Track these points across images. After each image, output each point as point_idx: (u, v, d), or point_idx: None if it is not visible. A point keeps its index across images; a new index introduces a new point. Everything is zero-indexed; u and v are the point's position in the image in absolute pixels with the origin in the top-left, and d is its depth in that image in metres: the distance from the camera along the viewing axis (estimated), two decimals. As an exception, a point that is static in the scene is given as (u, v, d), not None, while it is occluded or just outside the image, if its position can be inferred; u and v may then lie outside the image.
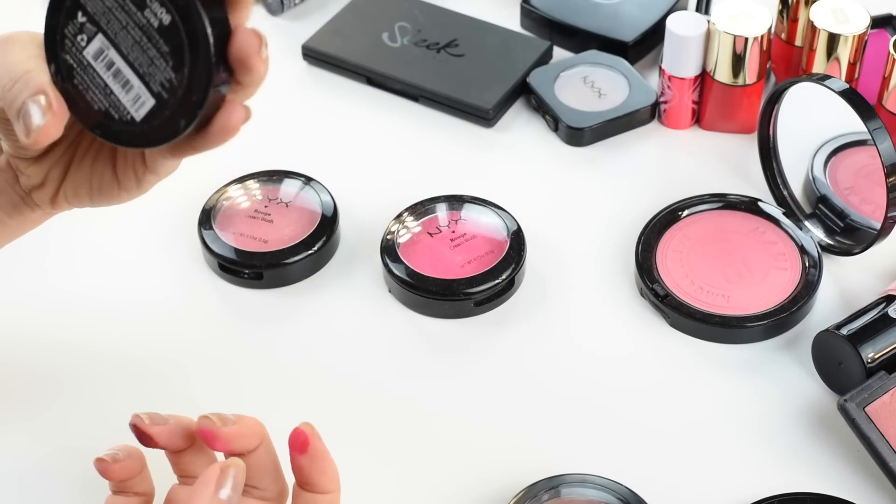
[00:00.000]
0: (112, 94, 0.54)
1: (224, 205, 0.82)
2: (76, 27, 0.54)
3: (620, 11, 0.95)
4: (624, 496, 0.67)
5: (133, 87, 0.53)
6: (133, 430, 0.60)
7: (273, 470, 0.60)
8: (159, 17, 0.51)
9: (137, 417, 0.60)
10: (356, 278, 0.80)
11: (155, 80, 0.53)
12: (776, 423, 0.72)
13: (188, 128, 0.52)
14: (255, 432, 0.59)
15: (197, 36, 0.51)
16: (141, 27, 0.52)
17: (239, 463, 0.57)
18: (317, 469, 0.59)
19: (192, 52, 0.51)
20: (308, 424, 0.59)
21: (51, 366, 0.75)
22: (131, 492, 0.61)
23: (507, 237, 0.80)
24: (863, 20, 0.83)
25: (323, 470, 0.59)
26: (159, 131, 0.53)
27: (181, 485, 0.62)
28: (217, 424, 0.58)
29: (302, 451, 0.59)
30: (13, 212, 0.63)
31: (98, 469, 0.60)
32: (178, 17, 0.51)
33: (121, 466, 0.60)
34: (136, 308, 0.79)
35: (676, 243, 0.80)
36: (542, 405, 0.73)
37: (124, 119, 0.54)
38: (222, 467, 0.56)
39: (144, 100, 0.53)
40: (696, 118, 0.90)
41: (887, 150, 0.73)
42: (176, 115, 0.52)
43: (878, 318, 0.72)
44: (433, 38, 0.95)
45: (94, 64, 0.54)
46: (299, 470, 0.59)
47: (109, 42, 0.53)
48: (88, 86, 0.54)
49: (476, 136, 0.90)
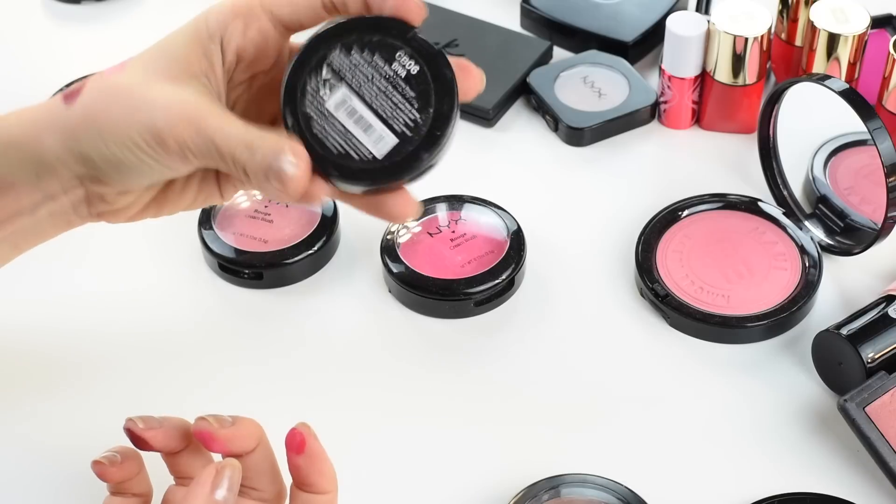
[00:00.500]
0: (352, 138, 0.59)
1: (224, 205, 0.82)
2: (319, 81, 0.59)
3: (620, 11, 0.95)
4: (624, 496, 0.67)
5: (374, 129, 0.59)
6: (127, 434, 0.60)
7: (271, 471, 0.60)
8: (407, 68, 0.59)
9: (131, 422, 0.60)
10: (356, 278, 0.80)
11: (398, 121, 0.59)
12: (776, 423, 0.72)
13: (431, 159, 0.59)
14: (252, 433, 0.59)
15: (444, 80, 0.59)
16: (387, 78, 0.59)
17: (235, 464, 0.57)
18: (314, 469, 0.59)
19: (438, 94, 0.59)
20: (304, 425, 0.59)
21: (50, 365, 0.75)
22: (129, 492, 0.61)
23: (507, 237, 0.80)
24: (863, 20, 0.83)
25: (320, 470, 0.59)
26: (401, 166, 0.59)
27: (178, 486, 0.62)
28: (214, 426, 0.58)
29: (299, 451, 0.59)
30: (65, 227, 0.63)
31: (96, 472, 0.60)
32: (426, 66, 0.59)
33: (118, 469, 0.60)
34: (136, 308, 0.79)
35: (676, 243, 0.80)
36: (542, 405, 0.73)
37: (364, 158, 0.59)
38: (218, 468, 0.56)
39: (386, 139, 0.59)
40: (696, 118, 0.90)
41: (887, 150, 0.73)
42: (418, 150, 0.59)
43: (878, 318, 0.72)
44: (433, 39, 0.93)
45: (334, 112, 0.59)
46: (296, 470, 0.59)
47: (353, 93, 0.59)
48: (327, 133, 0.59)
49: (476, 136, 0.90)
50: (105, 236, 0.82)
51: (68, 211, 0.62)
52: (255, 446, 0.59)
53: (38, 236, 0.64)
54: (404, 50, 0.59)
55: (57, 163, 0.60)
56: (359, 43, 0.59)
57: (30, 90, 0.91)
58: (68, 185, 0.61)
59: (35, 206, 0.62)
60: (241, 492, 0.60)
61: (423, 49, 0.59)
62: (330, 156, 0.59)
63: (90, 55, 0.95)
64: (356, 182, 0.59)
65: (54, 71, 0.94)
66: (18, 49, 0.98)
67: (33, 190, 0.61)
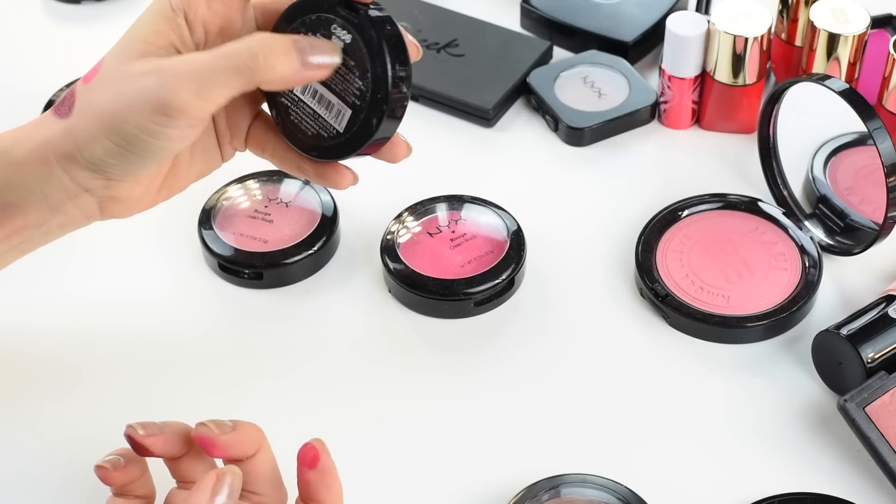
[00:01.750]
0: (319, 118, 0.63)
1: (224, 205, 0.82)
2: None
3: (620, 11, 0.95)
4: (624, 496, 0.67)
5: (333, 105, 0.62)
6: (128, 440, 0.60)
7: (272, 476, 0.60)
8: (343, 39, 0.60)
9: (131, 428, 0.60)
10: (356, 278, 0.80)
11: (348, 92, 0.61)
12: (776, 423, 0.72)
13: (379, 125, 0.61)
14: (252, 439, 0.59)
15: (373, 43, 0.60)
16: None
17: (236, 471, 0.57)
18: (324, 485, 0.59)
19: (372, 59, 0.60)
20: (319, 440, 0.59)
21: (50, 365, 0.75)
22: (132, 495, 0.61)
23: (507, 237, 0.80)
24: (863, 20, 0.83)
25: (329, 486, 0.59)
26: (358, 135, 0.62)
27: (180, 489, 0.62)
28: (214, 432, 0.58)
29: (311, 466, 0.59)
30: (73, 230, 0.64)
31: (99, 476, 0.60)
32: (357, 33, 0.60)
33: (122, 472, 0.60)
34: (136, 308, 0.79)
35: (676, 243, 0.80)
36: (542, 405, 0.73)
37: (331, 135, 0.63)
38: (219, 475, 0.56)
39: (343, 112, 0.62)
40: (696, 118, 0.90)
41: (887, 150, 0.73)
42: (368, 116, 0.61)
43: (878, 318, 0.72)
44: (433, 38, 0.95)
45: (303, 97, 0.63)
46: (306, 484, 0.59)
47: None
48: (302, 118, 0.64)
49: (476, 136, 0.90)
50: (105, 237, 0.82)
51: (79, 219, 0.63)
52: (256, 451, 0.59)
53: (46, 242, 0.64)
54: (337, 22, 0.60)
55: (65, 178, 0.60)
56: (303, 24, 0.62)
57: (30, 90, 0.91)
58: (78, 197, 0.61)
59: (44, 221, 0.62)
60: (243, 496, 0.60)
61: (350, 17, 0.60)
62: (307, 139, 0.62)
63: (90, 55, 0.95)
64: (332, 158, 0.63)
65: (54, 71, 0.94)
66: (18, 49, 0.98)
67: (42, 207, 0.61)
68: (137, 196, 0.63)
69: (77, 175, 0.60)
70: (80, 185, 0.60)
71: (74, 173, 0.60)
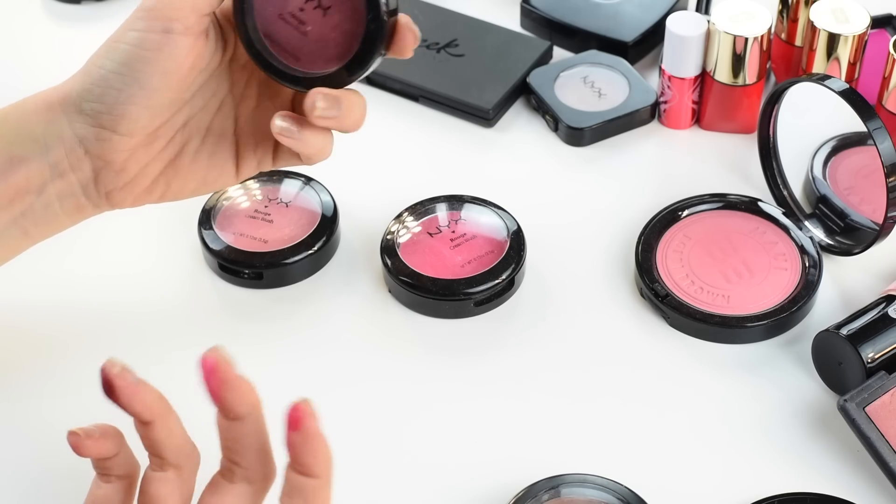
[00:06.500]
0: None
1: (224, 205, 0.82)
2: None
3: (620, 11, 0.95)
4: (624, 496, 0.67)
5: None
6: (103, 384, 0.58)
7: (259, 449, 0.59)
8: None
9: (109, 365, 0.58)
10: (356, 278, 0.80)
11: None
12: (776, 423, 0.72)
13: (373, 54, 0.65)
14: (246, 396, 0.58)
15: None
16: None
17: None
18: (307, 449, 0.57)
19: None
20: (306, 402, 0.57)
21: (48, 364, 0.75)
22: (112, 474, 0.60)
23: (507, 237, 0.80)
24: (863, 20, 0.83)
25: (314, 451, 0.57)
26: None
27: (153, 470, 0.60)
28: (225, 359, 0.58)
29: (294, 427, 0.57)
30: (76, 214, 0.67)
31: (70, 442, 0.58)
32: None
33: (94, 442, 0.58)
34: (136, 308, 0.79)
35: (676, 243, 0.80)
36: (542, 405, 0.73)
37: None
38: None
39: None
40: (696, 118, 0.90)
41: (887, 150, 0.73)
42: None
43: (878, 318, 0.72)
44: (433, 38, 0.95)
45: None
46: (291, 447, 0.57)
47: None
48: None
49: (476, 136, 0.90)
50: (105, 235, 0.82)
51: (77, 192, 0.65)
52: (247, 414, 0.58)
53: (49, 223, 0.66)
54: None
55: (63, 122, 0.64)
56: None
57: (30, 90, 0.91)
58: (73, 153, 0.64)
59: (44, 184, 0.65)
60: (227, 468, 0.58)
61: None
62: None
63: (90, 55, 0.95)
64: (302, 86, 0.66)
65: (54, 71, 0.93)
66: (18, 49, 0.98)
67: (42, 164, 0.64)
68: (132, 170, 0.66)
69: (74, 119, 0.64)
70: (76, 133, 0.64)
71: (72, 116, 0.65)
